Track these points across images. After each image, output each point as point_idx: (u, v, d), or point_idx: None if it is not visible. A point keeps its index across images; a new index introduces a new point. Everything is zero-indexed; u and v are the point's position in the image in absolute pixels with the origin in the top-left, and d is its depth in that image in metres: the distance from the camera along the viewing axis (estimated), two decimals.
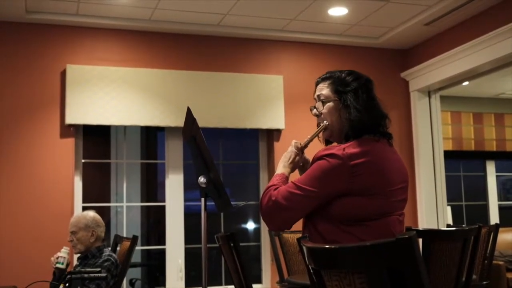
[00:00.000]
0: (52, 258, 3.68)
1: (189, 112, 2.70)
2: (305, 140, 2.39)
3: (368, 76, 2.38)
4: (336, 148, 2.16)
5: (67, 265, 3.69)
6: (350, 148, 2.14)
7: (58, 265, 3.64)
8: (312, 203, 2.16)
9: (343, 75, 2.34)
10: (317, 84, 2.41)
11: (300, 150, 2.39)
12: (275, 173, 2.36)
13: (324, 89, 2.35)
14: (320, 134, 2.37)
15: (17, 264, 5.01)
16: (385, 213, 2.14)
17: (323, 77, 2.39)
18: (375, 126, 2.25)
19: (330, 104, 2.31)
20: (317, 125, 2.38)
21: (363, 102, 2.26)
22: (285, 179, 2.29)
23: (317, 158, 2.19)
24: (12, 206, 5.11)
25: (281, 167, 2.36)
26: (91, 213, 3.89)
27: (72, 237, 3.79)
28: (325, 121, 2.33)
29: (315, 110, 2.38)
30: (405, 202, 2.26)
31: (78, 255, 3.89)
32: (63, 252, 3.66)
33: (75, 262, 4.17)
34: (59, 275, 3.77)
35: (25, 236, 5.10)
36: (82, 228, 3.78)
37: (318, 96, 2.36)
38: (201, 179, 2.67)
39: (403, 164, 2.30)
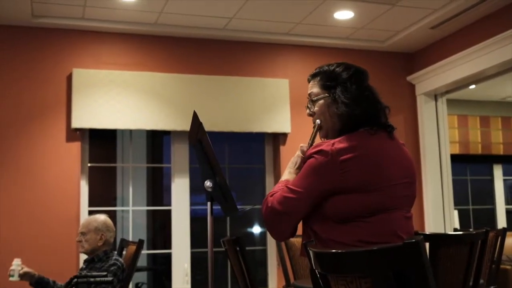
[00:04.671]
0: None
1: (195, 116, 2.70)
2: (308, 144, 2.35)
3: (359, 67, 2.30)
4: (325, 144, 2.08)
5: (22, 275, 3.63)
6: (339, 143, 2.06)
7: (10, 279, 3.61)
8: (306, 204, 2.10)
9: (332, 67, 2.27)
10: (308, 81, 2.35)
11: None
12: (280, 180, 2.31)
13: (314, 87, 2.29)
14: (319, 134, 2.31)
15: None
16: (385, 209, 2.05)
17: (312, 74, 2.33)
18: (370, 118, 2.16)
19: (320, 102, 2.25)
20: (313, 126, 2.32)
21: (352, 94, 2.18)
22: None
23: (307, 157, 2.13)
24: (17, 210, 5.12)
25: (286, 174, 2.30)
26: (103, 217, 3.90)
27: (81, 238, 3.81)
28: (317, 121, 2.27)
29: (308, 110, 2.32)
30: (411, 198, 2.18)
31: (85, 258, 3.89)
32: (14, 265, 3.63)
33: (81, 265, 4.17)
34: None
35: (31, 240, 5.11)
36: (92, 230, 3.80)
37: (309, 95, 2.30)
38: (207, 183, 2.67)
39: (408, 158, 2.21)
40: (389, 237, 2.04)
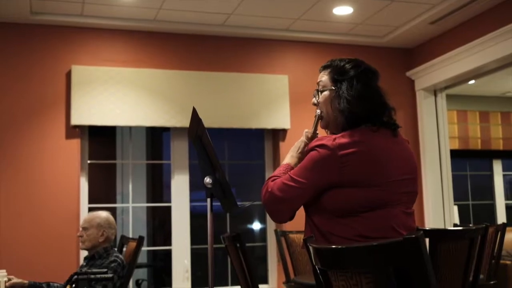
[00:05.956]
0: None
1: (194, 113, 2.69)
2: (311, 130, 2.39)
3: (370, 66, 2.34)
4: (327, 139, 2.13)
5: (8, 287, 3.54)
6: (341, 138, 2.11)
7: None
8: (305, 194, 2.15)
9: (343, 63, 2.31)
10: (319, 72, 2.39)
11: (310, 140, 2.36)
12: (281, 163, 2.36)
13: (323, 77, 2.33)
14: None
15: (23, 266, 5.01)
16: (384, 205, 2.08)
17: (324, 65, 2.37)
18: (373, 116, 2.19)
19: (325, 93, 2.30)
20: (314, 115, 2.36)
21: (357, 91, 2.20)
22: (290, 169, 2.28)
23: (309, 149, 2.18)
24: (17, 208, 5.12)
25: (288, 157, 2.37)
26: (105, 214, 3.90)
27: (82, 233, 3.81)
28: (318, 111, 2.32)
29: (313, 99, 2.36)
30: (413, 195, 2.20)
31: (85, 255, 3.89)
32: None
33: (81, 262, 4.17)
34: None
35: (31, 237, 5.11)
36: (94, 226, 3.79)
37: (318, 84, 2.35)
38: (207, 180, 2.67)
39: (410, 155, 2.24)
40: (388, 232, 2.06)
